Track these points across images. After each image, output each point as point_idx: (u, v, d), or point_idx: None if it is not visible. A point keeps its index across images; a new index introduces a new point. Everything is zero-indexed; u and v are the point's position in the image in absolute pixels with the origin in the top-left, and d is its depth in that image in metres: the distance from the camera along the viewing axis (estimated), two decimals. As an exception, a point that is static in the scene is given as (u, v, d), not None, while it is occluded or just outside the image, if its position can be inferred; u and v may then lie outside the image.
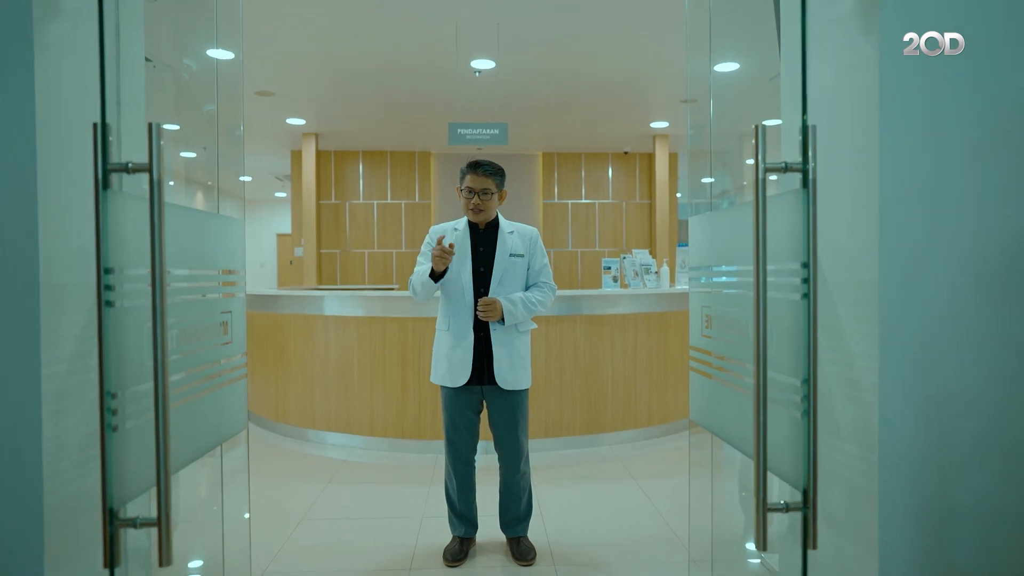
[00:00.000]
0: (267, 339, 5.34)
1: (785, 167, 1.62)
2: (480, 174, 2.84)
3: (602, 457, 4.63)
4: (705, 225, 2.20)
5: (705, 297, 2.25)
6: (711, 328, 2.23)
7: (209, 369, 2.08)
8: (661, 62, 5.75)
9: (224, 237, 2.22)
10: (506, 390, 2.84)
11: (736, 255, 1.93)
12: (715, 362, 2.20)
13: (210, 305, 2.11)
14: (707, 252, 2.19)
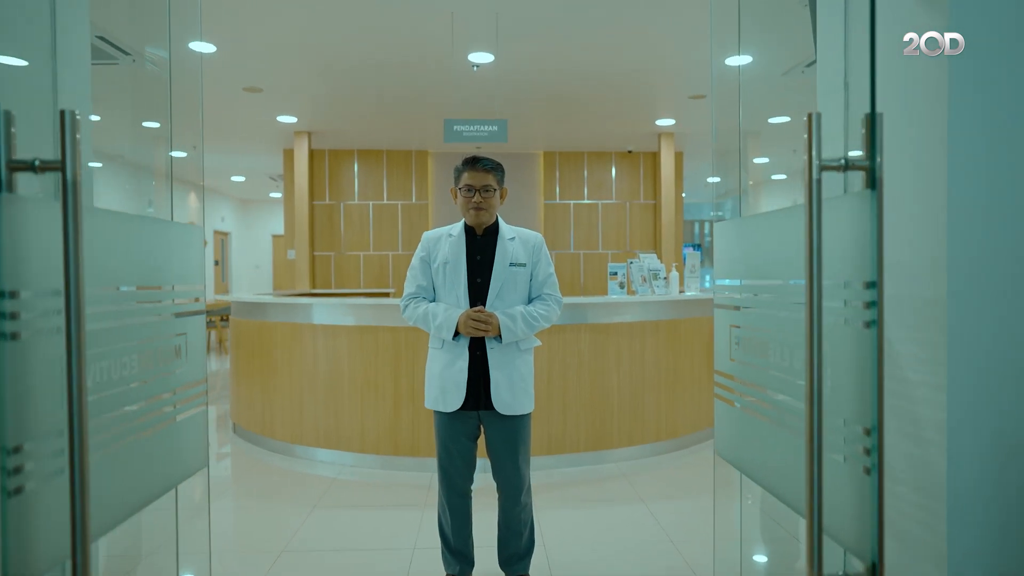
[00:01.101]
0: (253, 348, 5.05)
1: (845, 164, 1.32)
2: (479, 169, 2.56)
3: (608, 475, 4.34)
4: (735, 231, 1.91)
5: (734, 315, 1.96)
6: (741, 351, 1.94)
7: (156, 403, 1.79)
8: (668, 56, 5.46)
9: (178, 247, 1.93)
10: (505, 415, 2.55)
11: (777, 268, 1.65)
12: (747, 391, 1.91)
13: (158, 327, 1.81)
14: (737, 263, 1.90)
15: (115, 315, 1.60)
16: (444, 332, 2.53)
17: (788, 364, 1.66)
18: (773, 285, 1.70)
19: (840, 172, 1.34)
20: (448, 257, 2.60)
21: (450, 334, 2.52)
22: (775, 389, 1.69)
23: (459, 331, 2.51)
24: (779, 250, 1.63)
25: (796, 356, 1.57)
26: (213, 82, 5.95)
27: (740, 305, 1.96)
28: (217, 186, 12.36)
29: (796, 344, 1.57)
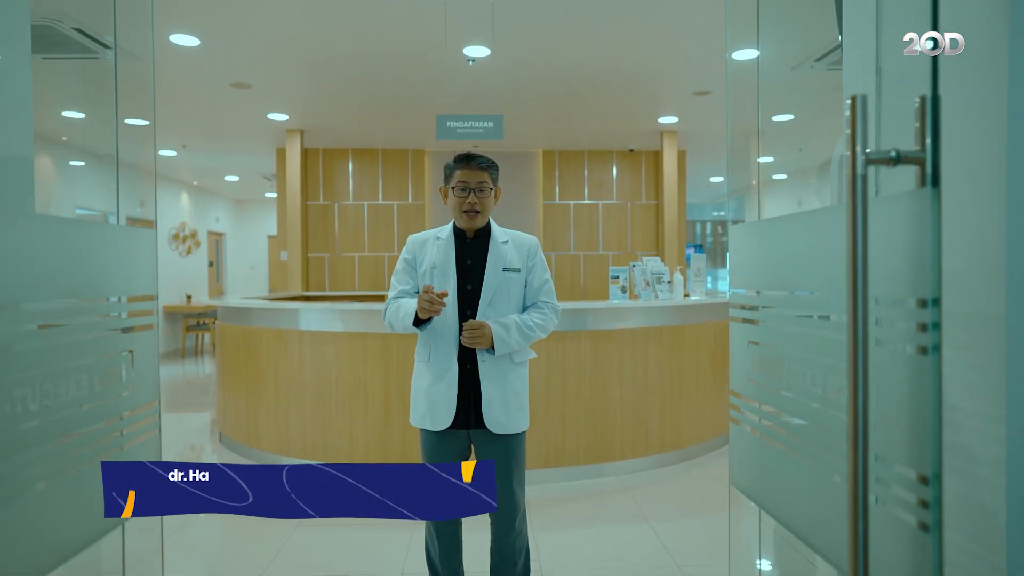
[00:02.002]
0: (239, 355, 4.83)
1: (897, 157, 1.10)
2: (474, 167, 2.34)
3: (609, 489, 4.12)
4: (755, 236, 1.69)
5: (753, 331, 1.74)
6: (763, 372, 1.72)
7: (97, 432, 1.57)
8: (671, 51, 5.24)
9: (125, 254, 1.71)
10: (497, 434, 2.33)
11: (807, 279, 1.43)
12: (769, 417, 1.70)
13: (99, 345, 1.60)
14: (757, 271, 1.68)
15: (43, 335, 1.38)
16: (407, 320, 2.28)
17: (822, 391, 1.44)
18: (802, 298, 1.48)
19: (890, 166, 1.12)
20: (436, 261, 2.38)
21: (410, 320, 2.26)
22: (805, 418, 1.47)
23: (419, 316, 2.23)
24: (810, 258, 1.42)
25: (831, 382, 1.36)
26: (199, 78, 5.73)
27: (761, 319, 1.74)
28: (211, 186, 12.14)
29: (831, 368, 1.35)
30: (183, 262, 11.36)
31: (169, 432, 6.16)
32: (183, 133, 7.89)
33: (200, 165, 10.01)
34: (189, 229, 11.59)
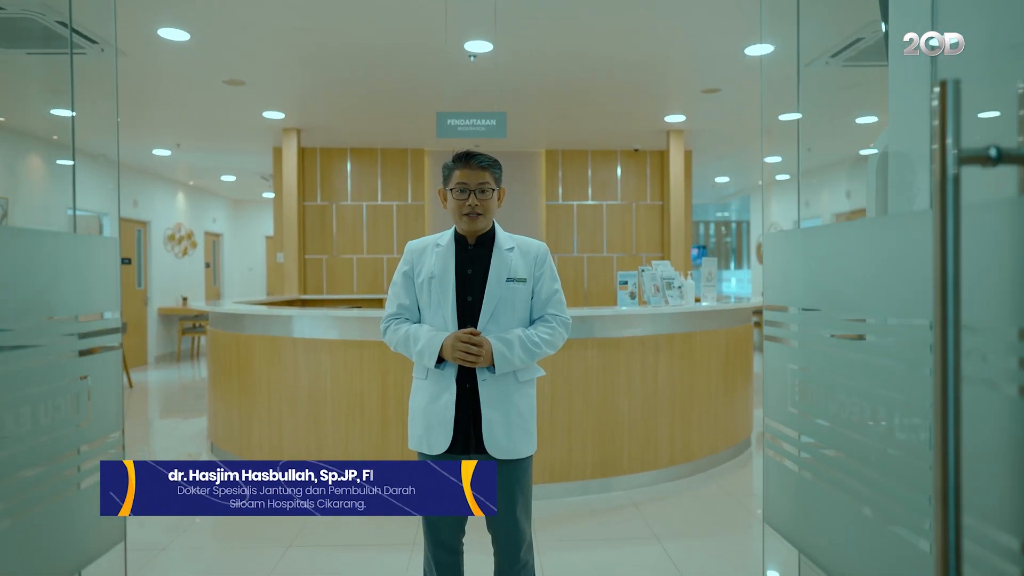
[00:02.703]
0: (230, 363, 4.63)
1: (998, 155, 0.90)
2: (475, 166, 2.14)
3: (617, 505, 3.92)
4: (795, 245, 1.49)
5: (793, 354, 1.54)
6: (804, 400, 1.52)
7: (49, 470, 1.37)
8: (680, 46, 5.03)
9: (79, 268, 1.51)
10: (500, 460, 2.13)
11: (868, 299, 1.23)
12: (813, 453, 1.50)
13: (50, 372, 1.40)
14: (800, 287, 1.48)
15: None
16: (426, 359, 2.11)
17: (887, 430, 1.24)
18: (851, 317, 1.28)
19: (986, 166, 0.92)
20: (434, 271, 2.18)
21: (432, 361, 2.10)
22: (871, 462, 1.27)
23: (444, 358, 2.09)
24: (871, 274, 1.22)
25: (899, 419, 1.16)
26: (190, 74, 5.53)
27: (801, 341, 1.54)
28: (207, 186, 11.94)
29: (898, 403, 1.15)
30: (179, 263, 11.17)
31: (163, 440, 5.97)
32: (177, 132, 7.70)
33: (196, 165, 9.81)
34: (185, 230, 11.39)
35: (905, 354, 1.17)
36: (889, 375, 1.21)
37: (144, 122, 7.18)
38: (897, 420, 1.22)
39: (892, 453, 1.22)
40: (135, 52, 4.90)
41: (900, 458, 1.19)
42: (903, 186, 1.68)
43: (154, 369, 9.79)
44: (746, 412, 5.02)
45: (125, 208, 9.57)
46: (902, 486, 1.15)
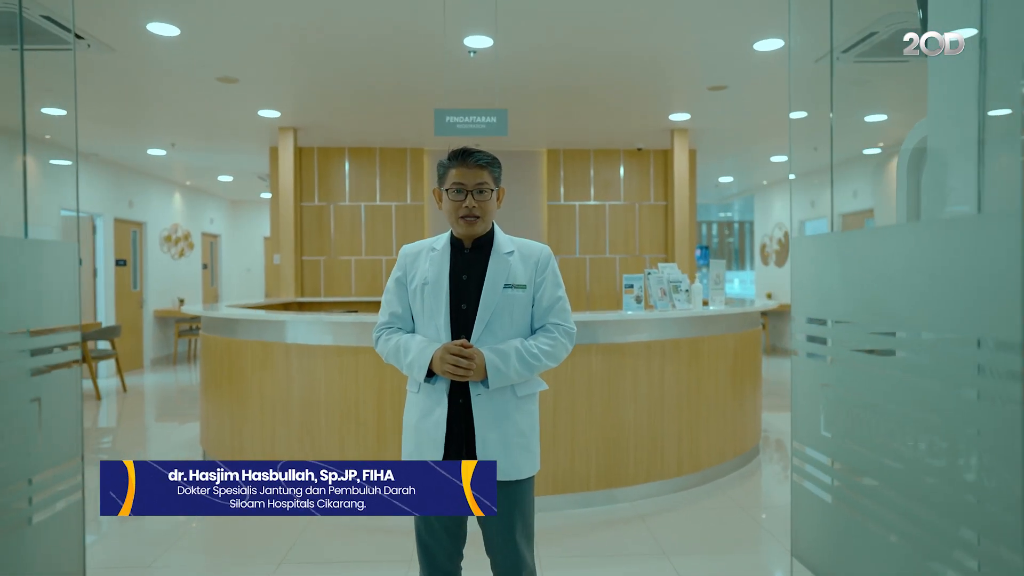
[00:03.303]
0: (222, 369, 4.48)
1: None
2: (472, 165, 1.98)
3: (622, 517, 3.77)
4: (832, 251, 1.33)
5: (826, 371, 1.39)
6: (839, 423, 1.37)
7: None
8: (686, 41, 4.87)
9: (30, 277, 1.36)
10: (500, 481, 1.98)
11: (924, 313, 1.08)
12: (848, 482, 1.34)
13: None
14: (835, 296, 1.32)
15: None
16: (416, 372, 1.96)
17: (948, 464, 1.08)
18: (914, 338, 1.12)
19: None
20: (428, 277, 2.03)
21: (422, 374, 1.95)
22: (900, 487, 1.12)
23: (434, 371, 1.94)
24: (920, 284, 1.07)
25: (946, 444, 1.00)
26: (182, 71, 5.37)
27: (836, 357, 1.39)
28: (205, 186, 11.79)
29: (962, 436, 1.00)
30: (176, 265, 11.02)
31: (158, 445, 5.83)
32: (171, 131, 7.54)
33: (192, 164, 9.66)
34: (182, 231, 11.25)
35: (957, 373, 1.02)
36: (936, 396, 1.05)
37: (137, 121, 7.03)
38: (945, 446, 1.06)
39: (946, 489, 1.06)
40: (124, 48, 4.75)
41: (955, 496, 1.03)
42: (942, 186, 1.53)
43: (150, 372, 9.64)
44: (755, 419, 4.86)
45: (120, 209, 9.42)
46: (950, 523, 1.00)
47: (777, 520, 3.78)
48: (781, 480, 4.58)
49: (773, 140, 8.23)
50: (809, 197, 10.58)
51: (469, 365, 1.90)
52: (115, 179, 9.30)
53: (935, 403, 1.07)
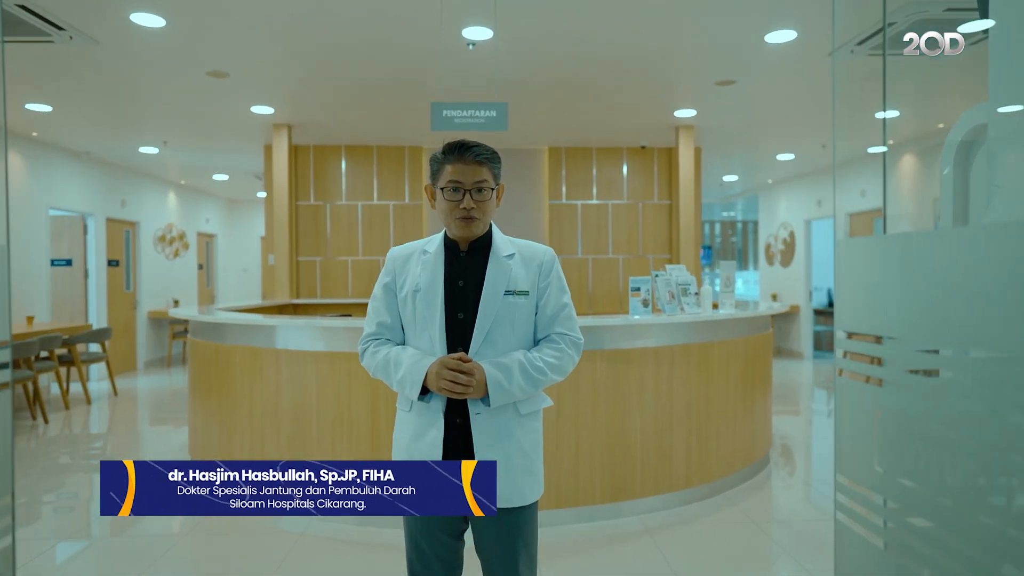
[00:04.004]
0: (210, 375, 4.29)
1: None
2: (470, 160, 1.79)
3: (629, 532, 3.58)
4: (893, 256, 1.14)
5: (878, 395, 1.19)
6: (893, 455, 1.18)
7: None
8: (693, 33, 4.68)
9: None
10: (500, 508, 1.79)
11: (998, 329, 0.89)
12: (902, 523, 1.15)
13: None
14: (890, 309, 1.13)
15: None
16: (408, 389, 1.77)
17: (1001, 498, 0.90)
18: (994, 360, 0.94)
19: None
20: (419, 283, 1.83)
21: (416, 392, 1.75)
22: (990, 546, 0.93)
23: (429, 387, 1.75)
24: (996, 297, 0.87)
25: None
26: (170, 65, 5.17)
27: (891, 380, 1.19)
28: (200, 185, 11.59)
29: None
30: (170, 265, 10.83)
31: (151, 451, 5.64)
32: (162, 128, 7.35)
33: (185, 163, 9.46)
34: (177, 230, 11.06)
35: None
36: (1020, 430, 0.86)
37: (127, 117, 6.83)
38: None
39: (1015, 535, 0.87)
40: (109, 40, 4.55)
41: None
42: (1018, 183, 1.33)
43: (143, 375, 9.45)
44: (765, 427, 4.67)
45: (112, 208, 9.23)
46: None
47: (790, 535, 3.58)
48: (792, 491, 4.39)
49: (780, 138, 8.04)
50: (815, 196, 10.38)
51: (468, 381, 1.70)
52: (107, 178, 9.10)
53: (1020, 439, 0.88)
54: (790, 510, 4.04)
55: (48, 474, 4.91)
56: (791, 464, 5.03)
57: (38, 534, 3.76)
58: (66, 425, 6.42)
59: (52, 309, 8.30)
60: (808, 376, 9.14)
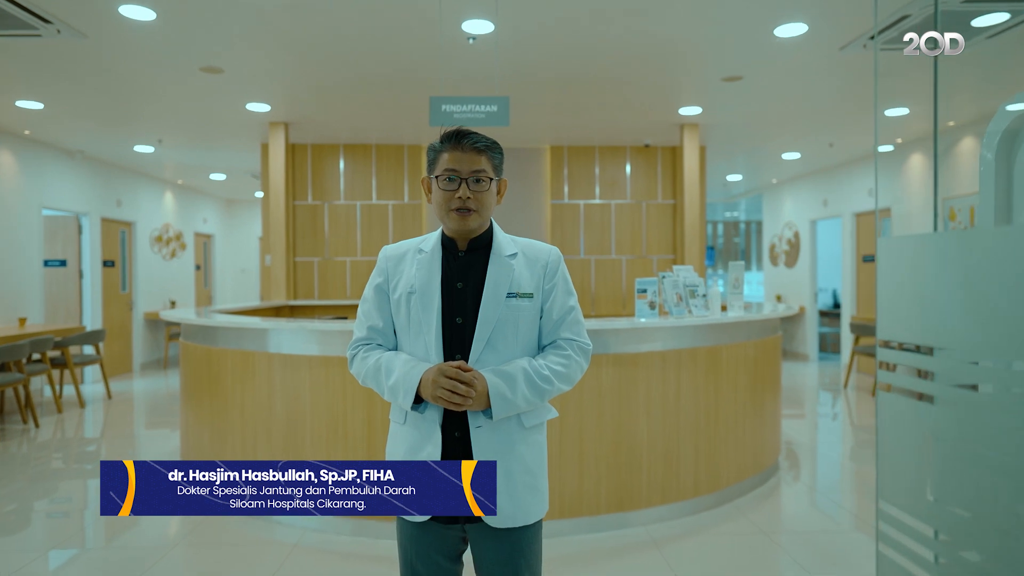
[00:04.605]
0: (201, 380, 4.16)
1: None
2: (468, 148, 1.65)
3: (635, 543, 3.44)
4: (948, 257, 1.01)
5: (932, 414, 1.06)
6: (950, 483, 1.04)
7: None
8: (701, 26, 4.54)
9: None
10: (501, 529, 1.65)
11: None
12: (954, 558, 1.01)
13: None
14: (946, 317, 1.00)
15: None
16: (401, 397, 1.63)
17: None
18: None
19: None
20: (414, 284, 1.69)
21: (409, 401, 1.61)
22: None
23: (422, 397, 1.61)
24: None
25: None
26: (162, 60, 5.04)
27: (945, 398, 1.06)
28: (197, 185, 11.45)
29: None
30: (167, 266, 10.70)
31: (148, 454, 5.51)
32: (156, 126, 7.21)
33: (182, 162, 9.33)
34: (174, 231, 10.93)
35: None
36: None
37: (120, 115, 6.69)
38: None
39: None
40: (98, 33, 4.42)
41: None
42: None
43: (139, 377, 9.32)
44: (774, 433, 4.53)
45: (108, 208, 9.10)
46: None
47: (802, 546, 3.44)
48: (803, 500, 4.25)
49: (786, 136, 7.89)
50: (821, 195, 10.24)
51: (468, 392, 1.56)
52: (101, 177, 8.97)
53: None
54: (801, 520, 3.90)
55: (39, 480, 4.78)
56: (800, 470, 4.88)
57: (29, 542, 3.63)
58: (58, 429, 6.29)
59: (46, 310, 8.16)
60: (813, 378, 8.99)
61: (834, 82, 5.67)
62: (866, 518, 3.84)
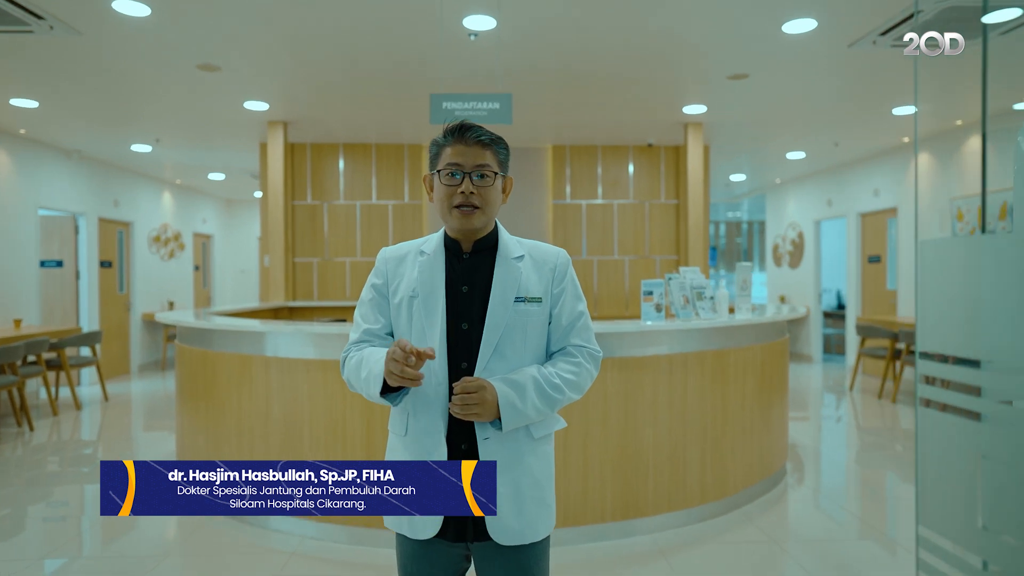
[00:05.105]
0: (196, 384, 4.07)
1: None
2: (472, 141, 1.56)
3: (641, 552, 3.36)
4: (1001, 260, 0.92)
5: (982, 433, 0.97)
6: (1006, 511, 0.95)
7: None
8: (706, 22, 4.45)
9: None
10: (508, 547, 1.56)
11: None
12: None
13: None
14: (1001, 330, 0.91)
15: None
16: (372, 386, 1.51)
17: None
18: None
19: None
20: (416, 288, 1.61)
21: (378, 386, 1.50)
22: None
23: (389, 384, 1.48)
24: None
25: None
26: (158, 57, 4.95)
27: (998, 416, 0.97)
28: (196, 184, 11.36)
29: None
30: (165, 266, 10.61)
31: (145, 456, 5.42)
32: (153, 125, 7.12)
33: (180, 162, 9.24)
34: (172, 231, 10.84)
35: None
36: None
37: (116, 114, 6.61)
38: None
39: None
40: (92, 30, 4.33)
41: None
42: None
43: (137, 379, 9.23)
44: (781, 438, 4.44)
45: (105, 208, 9.01)
46: None
47: (811, 555, 3.36)
48: (811, 506, 4.16)
49: (791, 136, 7.80)
50: (826, 195, 10.15)
51: (479, 401, 1.47)
52: (98, 177, 8.88)
53: None
54: (809, 527, 3.81)
55: (34, 484, 4.69)
56: (808, 475, 4.80)
57: (23, 548, 3.55)
58: (54, 432, 6.20)
59: (42, 312, 8.08)
60: (818, 380, 8.90)
61: (841, 80, 5.59)
62: (873, 524, 3.76)
